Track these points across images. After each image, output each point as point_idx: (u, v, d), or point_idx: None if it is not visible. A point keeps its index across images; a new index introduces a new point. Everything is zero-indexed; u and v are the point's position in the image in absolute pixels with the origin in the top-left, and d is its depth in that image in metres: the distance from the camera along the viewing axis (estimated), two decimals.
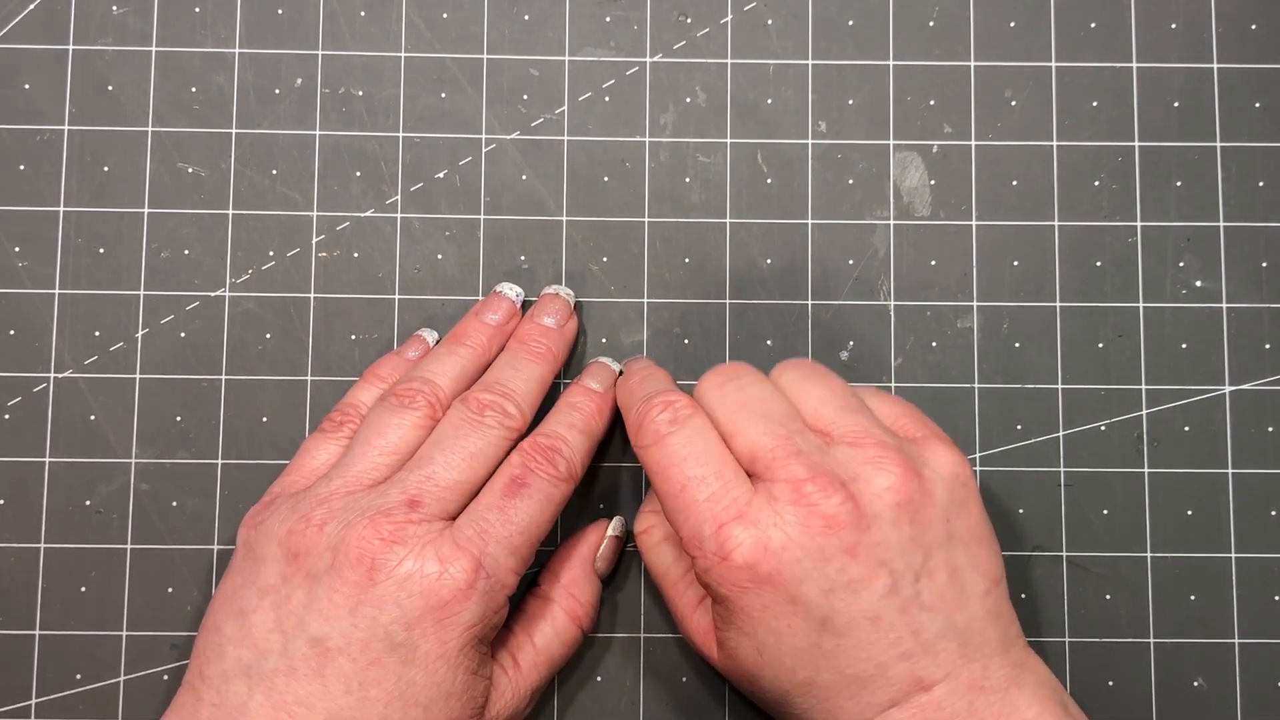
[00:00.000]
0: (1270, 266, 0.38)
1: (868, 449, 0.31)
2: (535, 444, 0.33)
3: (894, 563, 0.30)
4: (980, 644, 0.30)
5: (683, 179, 0.38)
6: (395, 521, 0.31)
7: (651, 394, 0.33)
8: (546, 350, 0.35)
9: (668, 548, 0.35)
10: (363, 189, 0.38)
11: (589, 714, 0.36)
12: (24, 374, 0.37)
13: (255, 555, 0.31)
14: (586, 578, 0.35)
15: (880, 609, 0.29)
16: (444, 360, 0.35)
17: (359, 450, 0.33)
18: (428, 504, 0.31)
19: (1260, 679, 0.36)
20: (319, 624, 0.30)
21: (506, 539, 0.31)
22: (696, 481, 0.31)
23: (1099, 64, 0.38)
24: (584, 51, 0.38)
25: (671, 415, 0.32)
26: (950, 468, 0.31)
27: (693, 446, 0.31)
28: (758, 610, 0.30)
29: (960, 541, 0.31)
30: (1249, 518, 0.37)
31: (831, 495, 0.30)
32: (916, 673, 0.29)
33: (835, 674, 0.30)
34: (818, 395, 0.33)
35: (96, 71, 0.38)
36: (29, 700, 0.36)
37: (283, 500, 0.32)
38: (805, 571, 0.29)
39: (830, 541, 0.29)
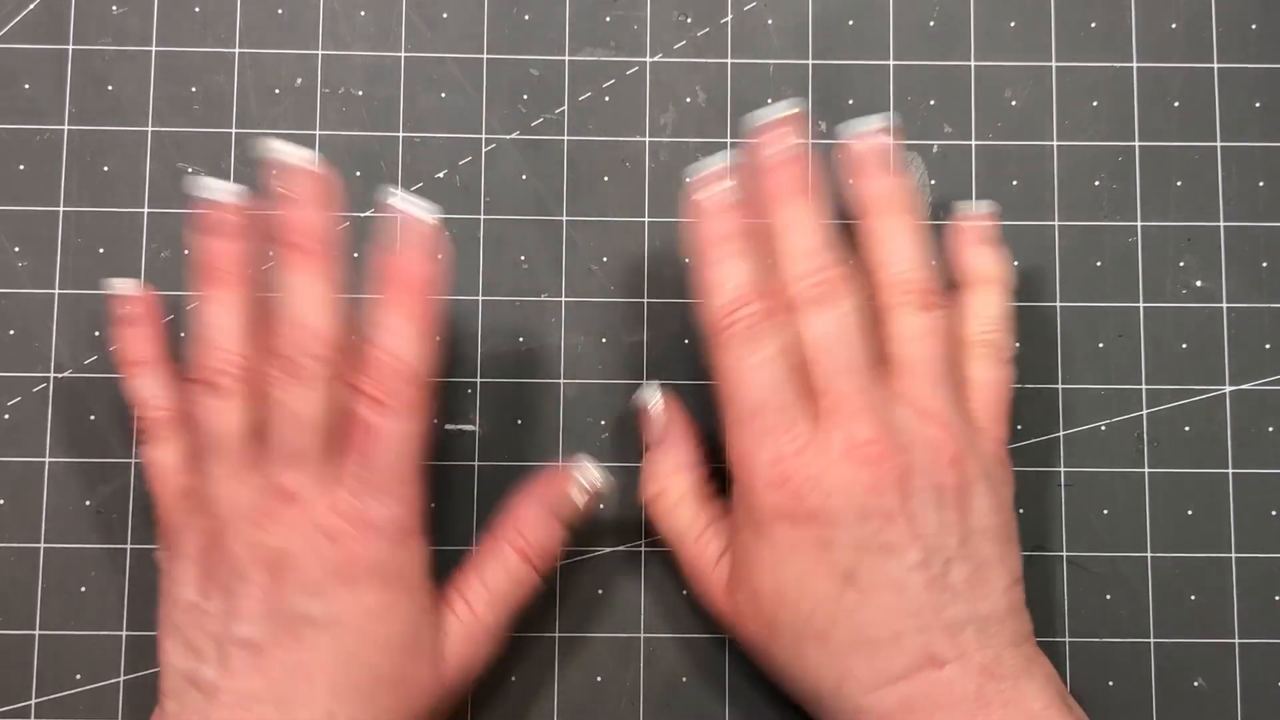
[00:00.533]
0: (1270, 266, 0.38)
1: (929, 427, 0.31)
2: (370, 376, 0.31)
3: (929, 539, 0.30)
4: (996, 633, 0.30)
5: (683, 179, 0.38)
6: (273, 515, 0.31)
7: (738, 292, 0.31)
8: (312, 245, 0.32)
9: (685, 506, 0.34)
10: (363, 189, 0.38)
11: (589, 714, 0.36)
12: (24, 374, 0.37)
13: (175, 577, 0.32)
14: (541, 520, 0.34)
15: (907, 579, 0.30)
16: (221, 317, 0.32)
17: (207, 460, 0.32)
18: (291, 485, 0.31)
19: (1260, 679, 0.36)
20: (244, 627, 0.30)
21: (387, 494, 0.31)
22: (766, 410, 0.31)
23: (1099, 64, 0.38)
24: (584, 51, 0.38)
25: (759, 329, 0.31)
26: (998, 470, 0.32)
27: (767, 371, 0.31)
28: (788, 546, 0.30)
29: (991, 539, 0.31)
30: (1249, 518, 0.37)
31: (885, 462, 0.30)
32: (931, 649, 0.30)
33: (852, 632, 0.30)
34: (911, 355, 0.32)
35: (96, 71, 0.38)
36: (29, 700, 0.36)
37: (174, 523, 0.33)
38: (845, 519, 0.30)
39: (871, 502, 0.30)
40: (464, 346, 0.37)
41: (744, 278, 0.32)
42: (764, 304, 0.31)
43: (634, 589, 0.37)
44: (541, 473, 0.35)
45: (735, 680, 0.36)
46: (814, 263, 0.32)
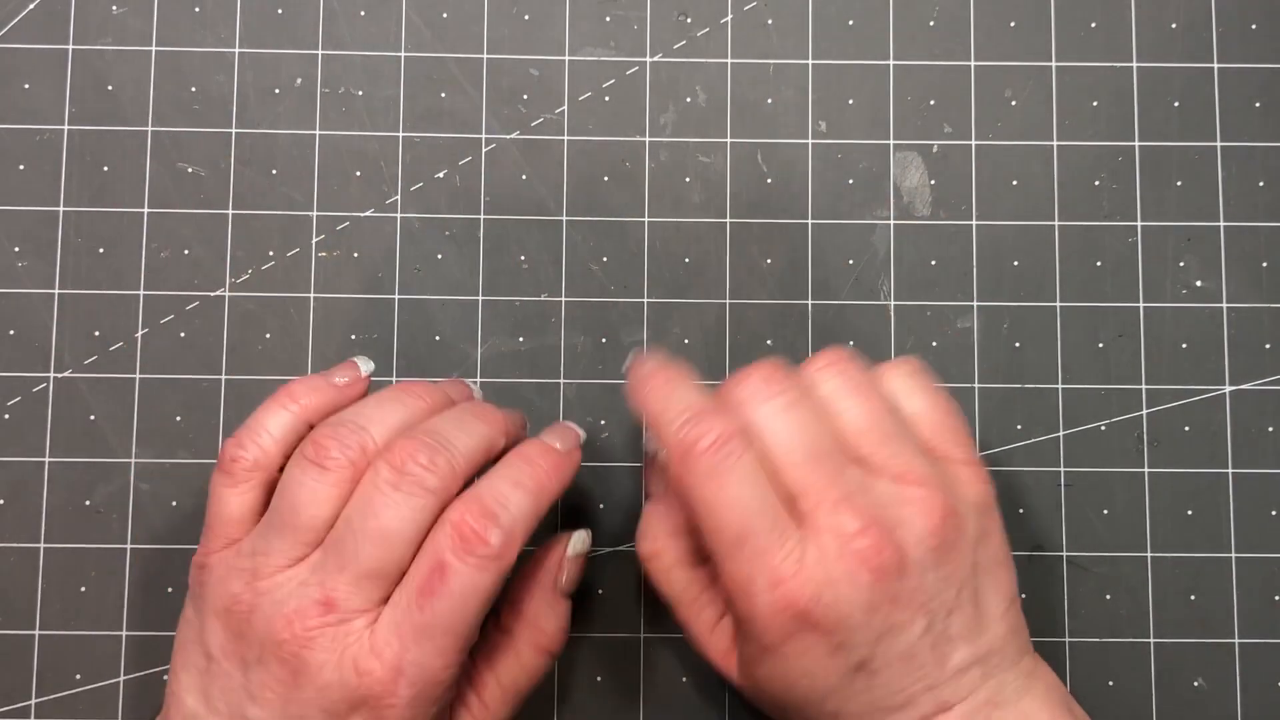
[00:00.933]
0: (1270, 266, 0.38)
1: (910, 488, 0.30)
2: (467, 509, 0.29)
3: (931, 604, 0.30)
4: (999, 662, 0.30)
5: (683, 179, 0.38)
6: (309, 627, 0.29)
7: (692, 415, 0.30)
8: (498, 418, 0.32)
9: (680, 570, 0.33)
10: (363, 189, 0.38)
11: (589, 714, 0.36)
12: (24, 374, 0.37)
13: (201, 615, 0.31)
14: (550, 606, 0.33)
15: (915, 648, 0.30)
16: (385, 406, 0.31)
17: (274, 528, 0.30)
18: (342, 603, 0.29)
19: (1260, 679, 0.36)
20: (255, 710, 0.29)
21: (430, 643, 0.29)
22: (754, 535, 0.29)
23: (1099, 64, 0.38)
24: (584, 51, 0.38)
25: (725, 452, 0.29)
26: (979, 498, 0.31)
27: (746, 489, 0.29)
28: (796, 654, 0.30)
29: (984, 569, 0.31)
30: (1249, 518, 0.37)
31: (882, 551, 0.29)
32: (939, 698, 0.30)
33: (865, 705, 0.30)
34: (858, 414, 0.31)
35: (96, 71, 0.38)
36: (29, 700, 0.36)
37: (216, 565, 0.31)
38: (854, 624, 0.29)
39: (877, 595, 0.29)
40: (464, 346, 0.37)
41: (693, 397, 0.30)
42: (721, 420, 0.30)
43: (634, 589, 0.37)
44: (537, 554, 0.34)
45: None
46: (748, 387, 0.31)
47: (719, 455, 0.29)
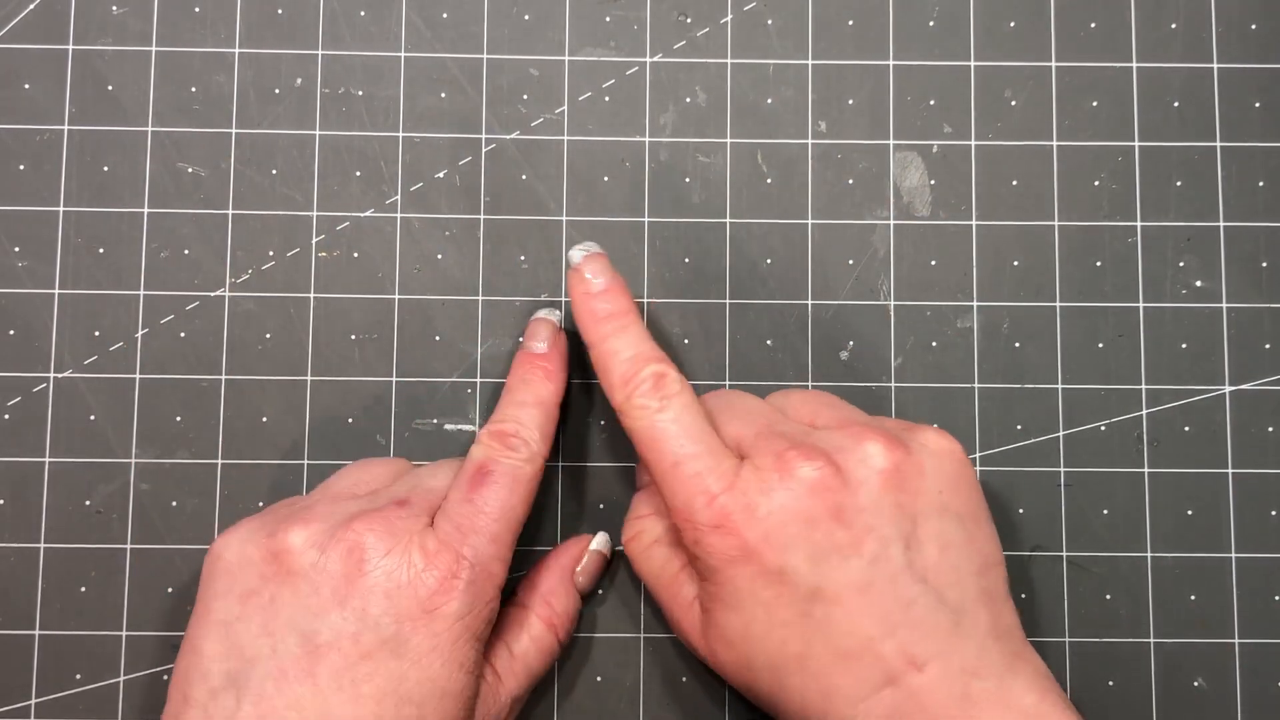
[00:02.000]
0: (1270, 266, 0.38)
1: (851, 429, 0.31)
2: (491, 432, 0.33)
3: (882, 529, 0.30)
4: (973, 624, 0.30)
5: (683, 179, 0.38)
6: (385, 517, 0.31)
7: (635, 358, 0.32)
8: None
9: (659, 549, 0.34)
10: (363, 189, 0.38)
11: (589, 714, 0.36)
12: (24, 374, 0.37)
13: (228, 564, 0.31)
14: (565, 588, 0.35)
15: (869, 577, 0.29)
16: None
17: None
18: (415, 503, 0.32)
19: (1260, 679, 0.36)
20: (308, 619, 0.30)
21: (484, 528, 0.31)
22: (689, 458, 0.31)
23: (1099, 64, 0.38)
24: (584, 51, 0.38)
25: (662, 390, 0.32)
26: (941, 445, 0.32)
27: (682, 423, 0.32)
28: (746, 581, 0.30)
29: (953, 515, 0.31)
30: (1249, 518, 0.37)
31: (814, 459, 0.30)
32: (908, 649, 0.29)
33: (827, 647, 0.29)
34: (800, 398, 0.34)
35: (96, 71, 0.38)
36: (29, 700, 0.36)
37: (259, 517, 0.33)
38: (792, 538, 0.29)
39: (816, 504, 0.30)
40: (464, 346, 0.37)
41: (640, 346, 0.33)
42: (660, 365, 0.32)
43: (634, 589, 0.37)
44: (562, 544, 0.36)
45: None
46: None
47: (658, 389, 0.32)
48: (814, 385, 0.37)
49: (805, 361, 0.37)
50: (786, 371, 0.37)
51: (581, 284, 0.34)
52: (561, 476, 0.37)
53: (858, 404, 0.35)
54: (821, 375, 0.37)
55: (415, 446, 0.37)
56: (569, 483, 0.37)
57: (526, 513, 0.33)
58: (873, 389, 0.37)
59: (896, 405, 0.37)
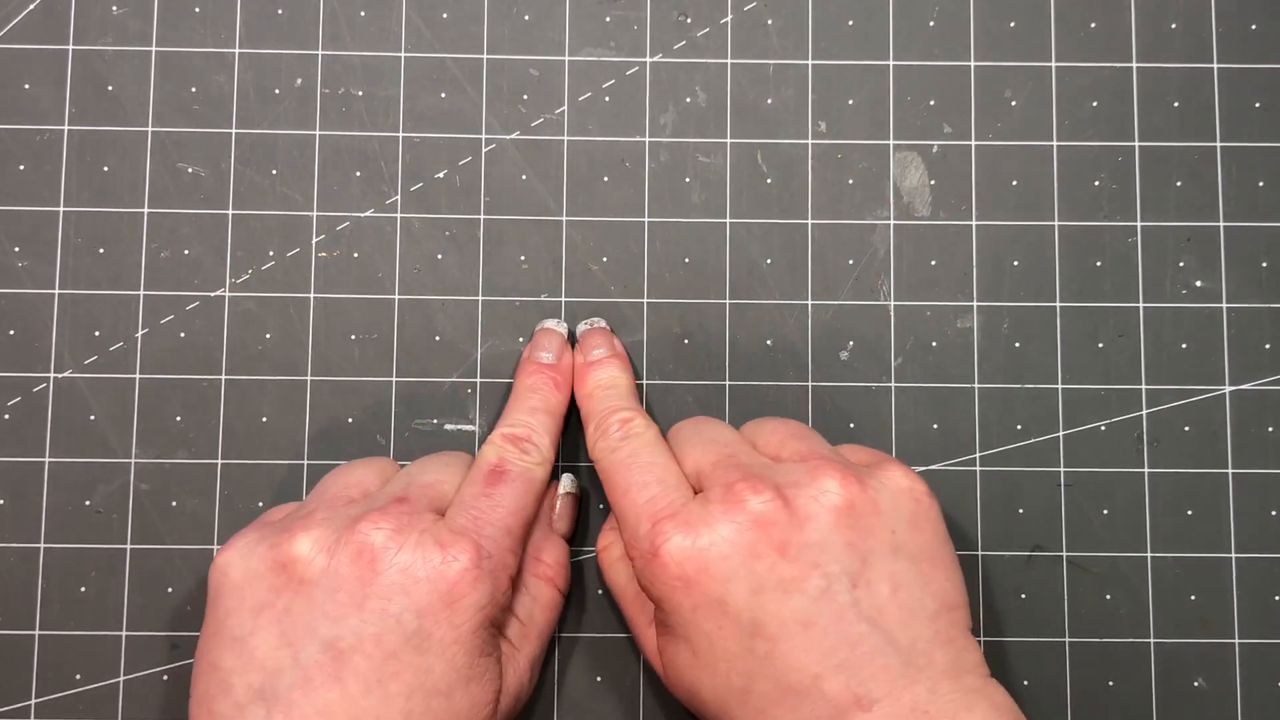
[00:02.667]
0: (1270, 266, 0.38)
1: (811, 462, 0.31)
2: (504, 435, 0.34)
3: (828, 565, 0.29)
4: (925, 665, 0.29)
5: (683, 179, 0.38)
6: (390, 514, 0.31)
7: (610, 408, 0.34)
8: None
9: (624, 565, 0.34)
10: (363, 189, 0.38)
11: (589, 714, 0.36)
12: (24, 374, 0.37)
13: (235, 581, 0.31)
14: (548, 539, 0.35)
15: (813, 613, 0.29)
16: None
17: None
18: (415, 499, 0.32)
19: (1260, 679, 0.36)
20: (328, 626, 0.29)
21: (500, 521, 0.32)
22: (639, 486, 0.32)
23: (1099, 64, 0.38)
24: (584, 51, 0.38)
25: (625, 431, 0.33)
26: (901, 483, 0.31)
27: (639, 456, 0.33)
28: (689, 611, 0.30)
29: (907, 556, 0.30)
30: (1249, 518, 0.37)
31: (762, 492, 0.30)
32: (854, 689, 0.28)
33: (771, 683, 0.29)
34: (770, 428, 0.34)
35: (96, 71, 0.38)
36: (29, 700, 0.36)
37: (254, 527, 0.32)
38: (733, 570, 0.29)
39: (759, 538, 0.29)
40: (464, 346, 0.37)
41: (618, 402, 0.35)
42: (629, 412, 0.34)
43: None
44: None
45: None
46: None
47: (622, 429, 0.34)
48: (814, 385, 0.37)
49: (805, 362, 0.37)
50: (786, 371, 0.37)
51: (581, 355, 0.36)
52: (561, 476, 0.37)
53: (857, 404, 0.35)
54: (821, 375, 0.37)
55: (415, 446, 0.37)
56: None
57: (535, 514, 0.34)
58: (873, 389, 0.37)
59: (896, 405, 0.37)
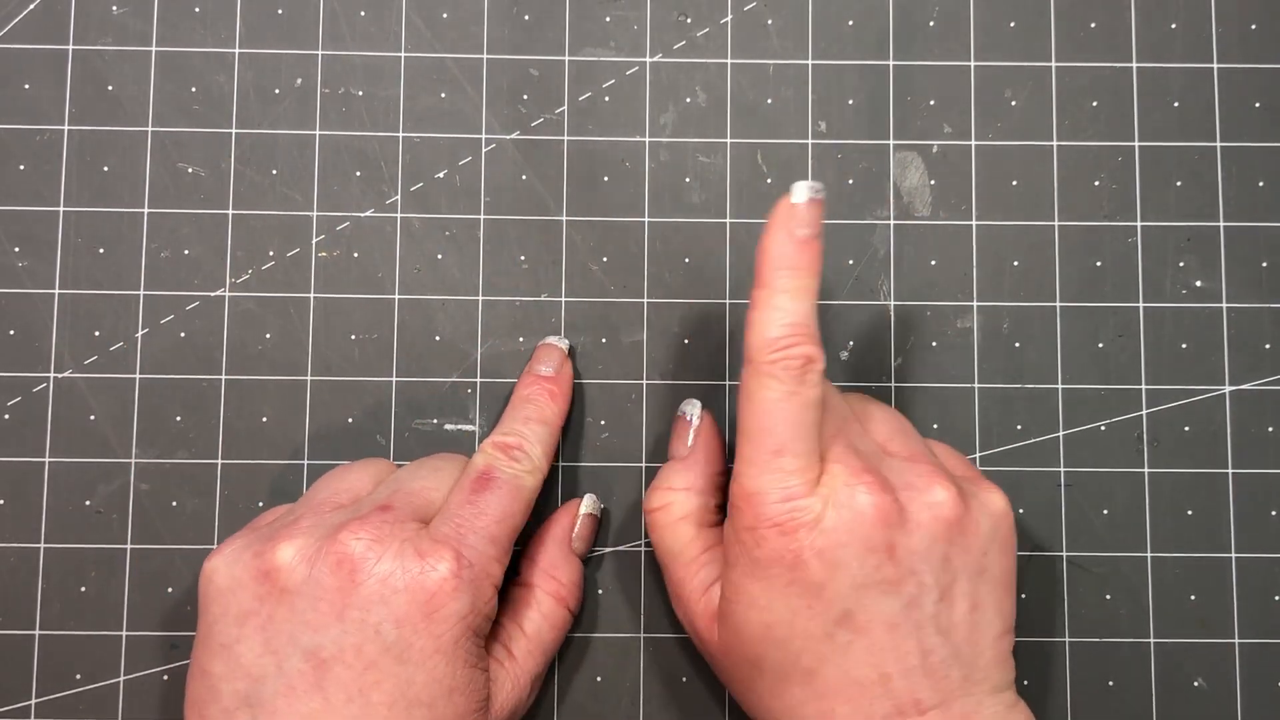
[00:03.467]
0: (1270, 266, 0.38)
1: (921, 466, 0.31)
2: (495, 443, 0.34)
3: (924, 575, 0.30)
4: (981, 680, 0.30)
5: (683, 179, 0.38)
6: (371, 523, 0.31)
7: (795, 326, 0.30)
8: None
9: (684, 527, 0.34)
10: (363, 189, 0.38)
11: (589, 714, 0.36)
12: (24, 374, 0.37)
13: (220, 588, 0.31)
14: (565, 558, 0.35)
15: (900, 617, 0.30)
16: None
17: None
18: (399, 507, 0.32)
19: (1260, 679, 0.36)
20: (309, 635, 0.30)
21: (483, 529, 0.32)
22: (792, 453, 0.30)
23: (1099, 64, 0.38)
24: (584, 51, 0.38)
25: (803, 378, 0.30)
26: (999, 508, 0.32)
27: (805, 417, 0.30)
28: (783, 585, 0.30)
29: (989, 579, 0.31)
30: (1249, 518, 0.37)
31: (886, 492, 0.30)
32: (915, 693, 0.29)
33: (840, 672, 0.30)
34: (879, 417, 0.34)
35: (96, 71, 0.38)
36: (29, 700, 0.36)
37: (243, 533, 0.33)
38: (844, 560, 0.30)
39: (874, 535, 0.30)
40: (464, 346, 0.37)
41: (804, 317, 0.30)
42: (814, 349, 0.30)
43: (634, 589, 0.37)
44: (551, 516, 0.36)
45: None
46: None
47: (802, 372, 0.30)
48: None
49: None
50: None
51: (789, 213, 0.31)
52: (561, 476, 0.37)
53: None
54: None
55: (415, 446, 0.37)
56: (569, 483, 0.37)
57: (523, 523, 0.33)
58: (873, 389, 0.37)
59: (896, 405, 0.37)
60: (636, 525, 0.37)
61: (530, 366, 0.36)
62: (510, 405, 0.36)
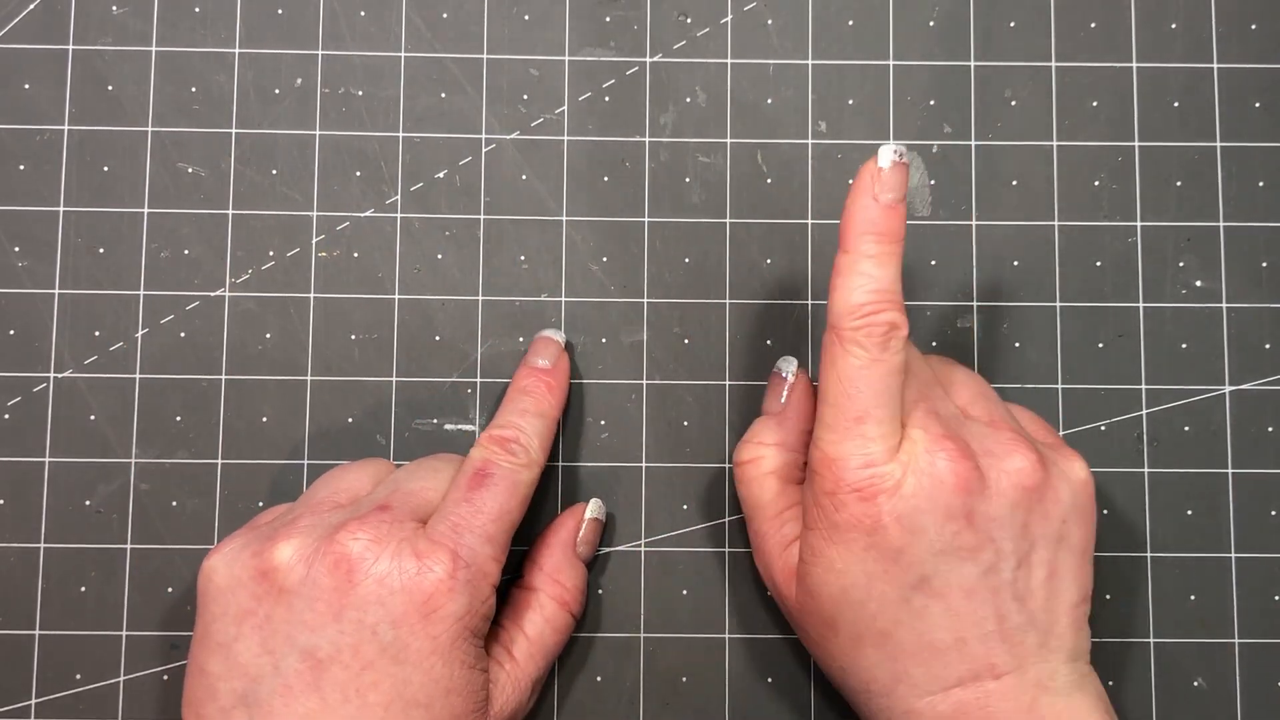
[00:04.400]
0: (1270, 266, 0.38)
1: (1002, 432, 0.31)
2: (491, 436, 0.34)
3: (1002, 542, 0.30)
4: (1056, 648, 0.30)
5: (683, 179, 0.38)
6: (369, 523, 0.31)
7: (881, 293, 0.30)
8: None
9: (772, 481, 0.34)
10: (363, 189, 0.38)
11: (589, 714, 0.36)
12: (24, 374, 0.37)
13: (219, 587, 0.31)
14: (569, 562, 0.35)
15: (977, 584, 0.30)
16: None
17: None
18: (397, 507, 0.32)
19: (1260, 679, 0.36)
20: (306, 635, 0.30)
21: (480, 528, 0.31)
22: (874, 420, 0.30)
23: (1099, 64, 0.38)
24: (584, 51, 0.38)
25: (887, 344, 0.30)
26: (1080, 476, 0.32)
27: (888, 385, 0.30)
28: (861, 548, 0.30)
29: (1068, 548, 0.31)
30: (1249, 518, 0.37)
31: (967, 459, 0.30)
32: (991, 658, 0.30)
33: (915, 635, 0.30)
34: (961, 379, 0.34)
35: (96, 71, 0.38)
36: (29, 700, 0.36)
37: (242, 532, 0.32)
38: (923, 525, 0.30)
39: (954, 502, 0.30)
40: (464, 346, 0.37)
41: (888, 283, 0.30)
42: (899, 316, 0.30)
43: (634, 589, 0.37)
44: (557, 519, 0.36)
45: (735, 680, 0.36)
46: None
47: (887, 339, 0.30)
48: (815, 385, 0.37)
49: (806, 362, 0.37)
50: None
51: (874, 178, 0.31)
52: (561, 476, 0.37)
53: None
54: None
55: (415, 446, 0.37)
56: (569, 483, 0.37)
57: (521, 517, 0.33)
58: None
59: None
60: (636, 525, 0.37)
61: (526, 359, 0.36)
62: (506, 398, 0.35)
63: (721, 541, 0.37)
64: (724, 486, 0.37)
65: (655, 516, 0.37)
